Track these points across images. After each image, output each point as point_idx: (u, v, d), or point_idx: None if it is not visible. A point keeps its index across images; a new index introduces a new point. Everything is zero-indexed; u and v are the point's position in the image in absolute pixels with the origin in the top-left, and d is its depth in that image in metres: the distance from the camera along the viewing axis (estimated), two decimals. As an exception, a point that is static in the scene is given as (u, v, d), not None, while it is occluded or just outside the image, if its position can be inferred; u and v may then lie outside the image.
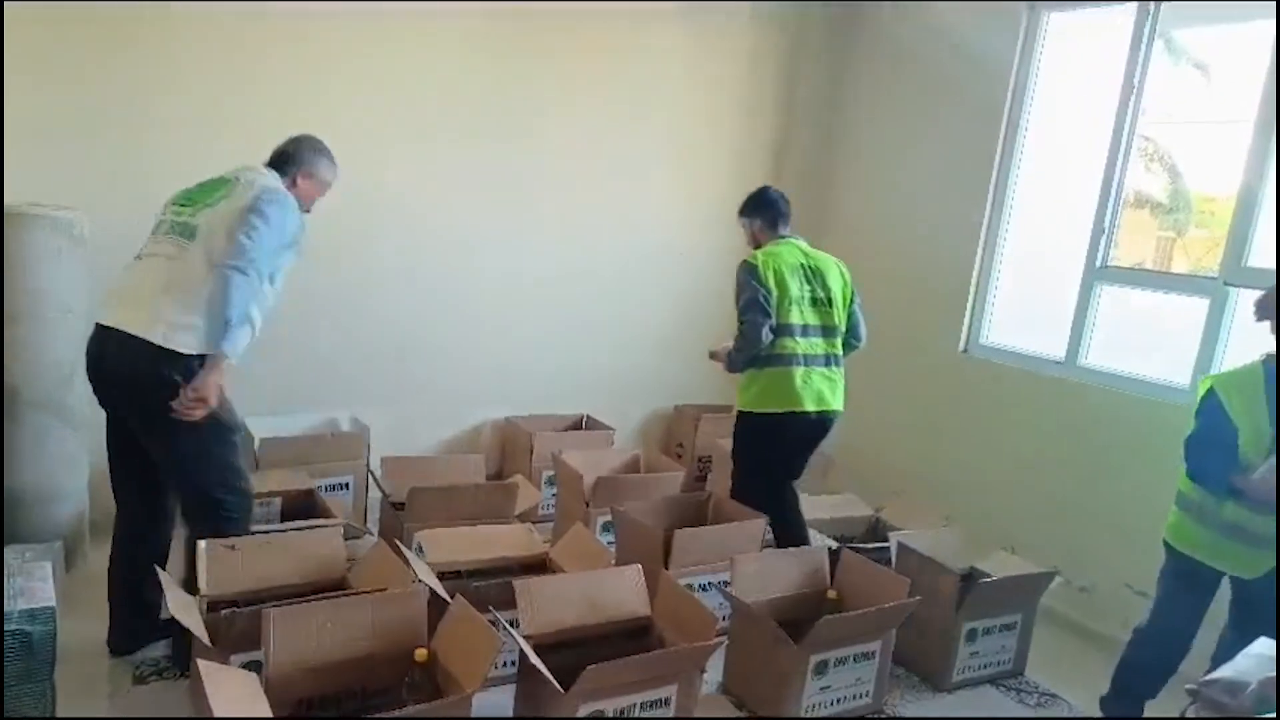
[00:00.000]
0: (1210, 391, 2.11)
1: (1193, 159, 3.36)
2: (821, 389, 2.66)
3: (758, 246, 2.77)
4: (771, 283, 2.59)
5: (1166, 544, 2.24)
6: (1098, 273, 3.15)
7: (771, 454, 2.73)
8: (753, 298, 2.57)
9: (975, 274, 3.55)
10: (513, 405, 3.73)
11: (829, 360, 2.72)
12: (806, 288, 2.68)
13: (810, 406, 2.63)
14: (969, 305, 3.57)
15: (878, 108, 3.95)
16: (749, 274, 2.61)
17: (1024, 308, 3.56)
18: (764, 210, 2.79)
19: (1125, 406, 2.98)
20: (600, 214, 3.76)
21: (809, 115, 4.11)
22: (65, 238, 2.48)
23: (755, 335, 2.56)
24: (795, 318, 2.63)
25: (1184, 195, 3.49)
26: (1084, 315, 3.18)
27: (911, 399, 3.75)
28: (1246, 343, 2.78)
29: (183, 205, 2.15)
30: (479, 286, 3.57)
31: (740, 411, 2.72)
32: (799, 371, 2.62)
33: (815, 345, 2.68)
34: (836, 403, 2.72)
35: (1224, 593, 2.21)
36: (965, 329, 3.59)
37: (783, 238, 2.76)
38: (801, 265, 2.68)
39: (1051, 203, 3.47)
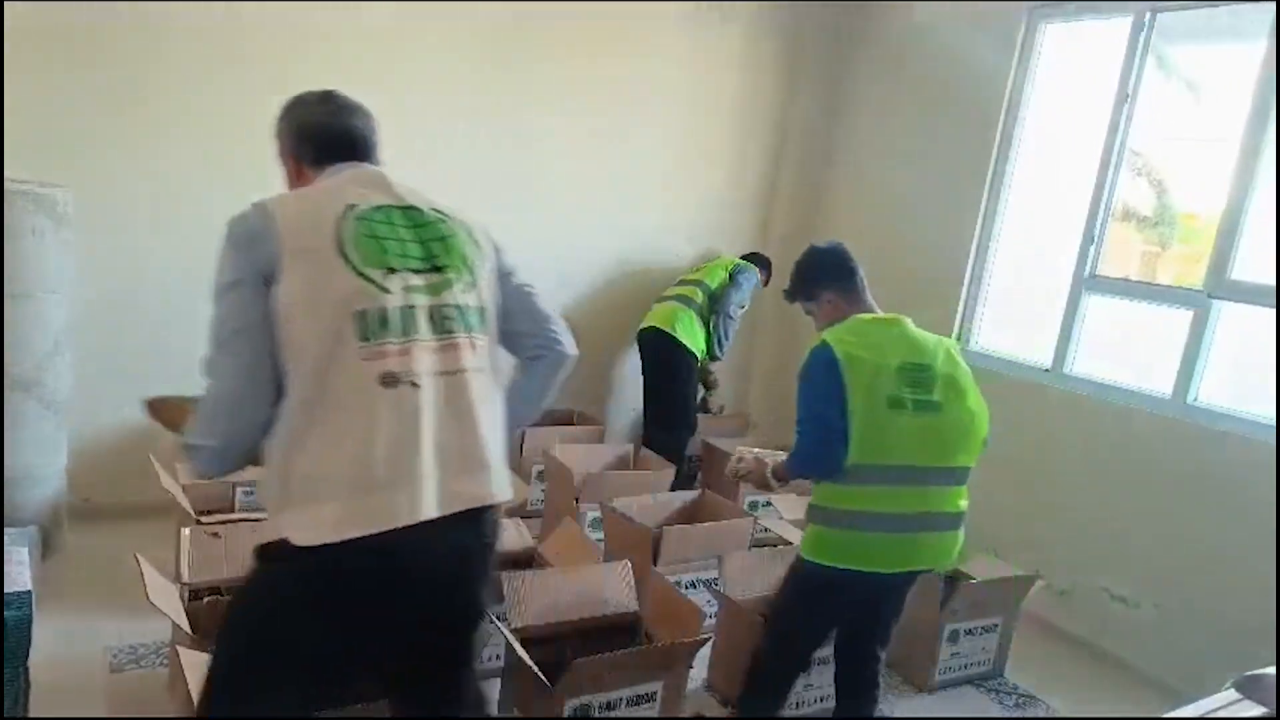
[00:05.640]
0: None
1: (1178, 175, 3.41)
2: None
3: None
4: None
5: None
6: (1086, 282, 3.19)
7: None
8: None
9: (966, 280, 3.58)
10: (502, 399, 3.71)
11: None
12: None
13: None
14: (959, 311, 3.61)
15: (874, 114, 3.98)
16: None
17: (1013, 314, 3.59)
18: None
19: (1108, 414, 3.03)
20: (596, 215, 3.75)
21: (805, 121, 4.12)
22: (48, 215, 2.43)
23: None
24: None
25: (1169, 210, 3.55)
26: (1071, 323, 3.22)
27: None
28: (1226, 354, 2.85)
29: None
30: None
31: None
32: None
33: None
34: None
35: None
36: (955, 334, 3.62)
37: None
38: None
39: (1042, 211, 3.50)
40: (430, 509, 1.19)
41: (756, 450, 2.03)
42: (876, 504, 1.76)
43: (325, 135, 1.37)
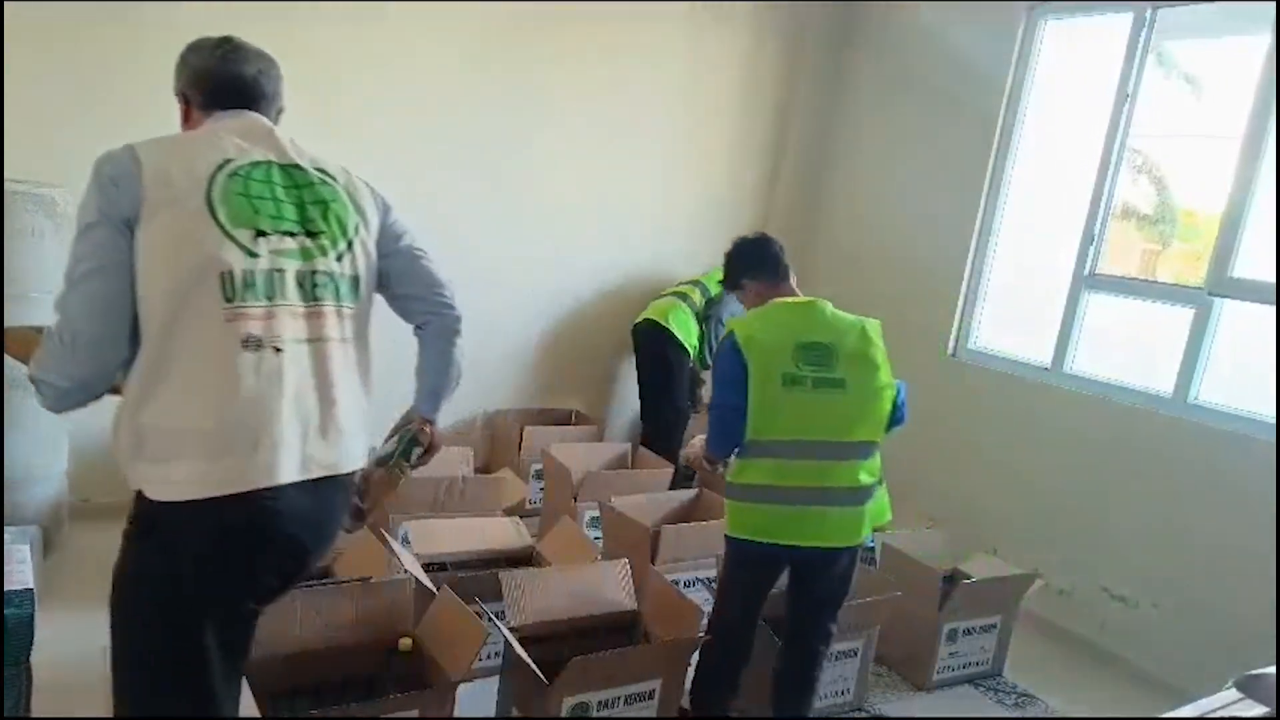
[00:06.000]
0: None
1: (1178, 172, 3.40)
2: None
3: None
4: None
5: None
6: (1086, 280, 3.19)
7: None
8: None
9: (966, 278, 3.57)
10: (502, 399, 3.72)
11: None
12: None
13: None
14: (959, 309, 3.60)
15: (873, 113, 3.97)
16: None
17: (1012, 313, 3.58)
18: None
19: (1109, 413, 3.02)
20: (594, 216, 3.75)
21: (804, 120, 4.12)
22: (47, 216, 2.43)
23: None
24: None
25: (1170, 208, 3.54)
26: (1071, 322, 3.21)
27: (898, 401, 3.77)
28: (1227, 353, 2.84)
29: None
30: (470, 284, 3.54)
31: None
32: None
33: None
34: None
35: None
36: (954, 333, 3.62)
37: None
38: None
39: (1042, 210, 3.50)
40: (289, 473, 1.19)
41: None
42: (770, 478, 1.84)
43: (213, 80, 1.34)
